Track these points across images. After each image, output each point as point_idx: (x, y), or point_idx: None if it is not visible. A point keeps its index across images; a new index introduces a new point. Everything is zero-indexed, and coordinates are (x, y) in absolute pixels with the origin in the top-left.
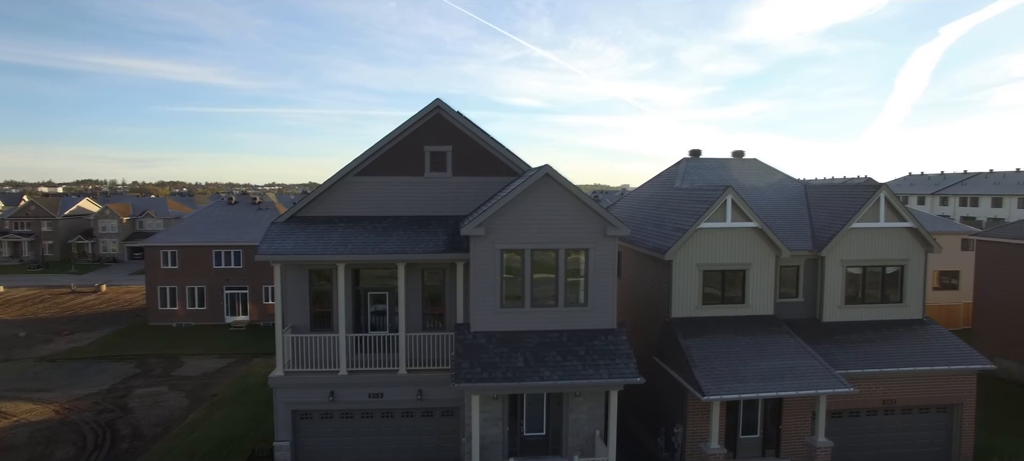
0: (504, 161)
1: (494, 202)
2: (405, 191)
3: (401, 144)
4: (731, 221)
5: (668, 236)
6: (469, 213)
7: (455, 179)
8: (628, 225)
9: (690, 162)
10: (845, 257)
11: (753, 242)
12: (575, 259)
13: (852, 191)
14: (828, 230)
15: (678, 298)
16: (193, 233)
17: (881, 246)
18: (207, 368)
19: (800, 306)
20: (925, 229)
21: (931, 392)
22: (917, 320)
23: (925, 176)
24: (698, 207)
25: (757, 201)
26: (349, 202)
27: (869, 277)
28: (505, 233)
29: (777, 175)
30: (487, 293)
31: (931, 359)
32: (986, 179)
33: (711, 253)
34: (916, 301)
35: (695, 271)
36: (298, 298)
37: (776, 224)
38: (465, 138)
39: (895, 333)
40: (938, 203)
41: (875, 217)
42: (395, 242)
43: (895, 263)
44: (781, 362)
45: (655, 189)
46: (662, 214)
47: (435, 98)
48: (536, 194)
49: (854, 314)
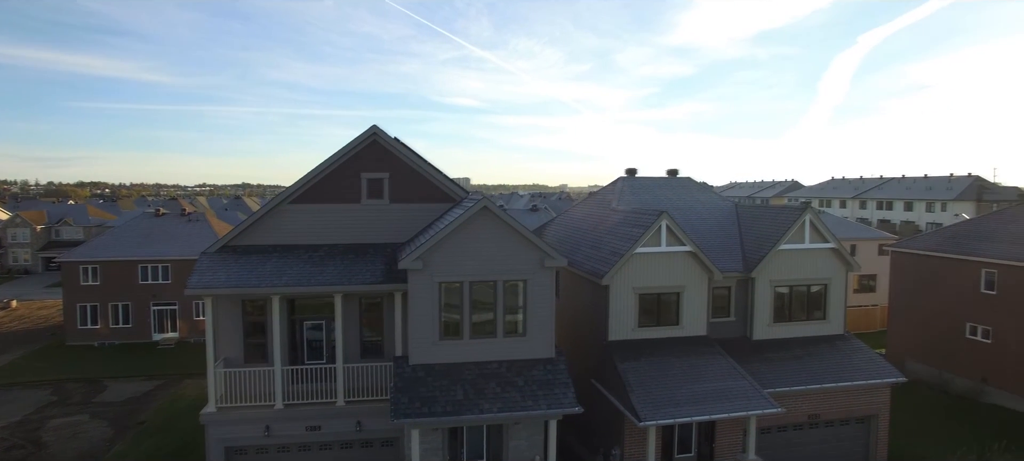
0: (441, 187)
1: (431, 234)
2: (342, 219)
3: (337, 171)
4: (666, 245)
5: (605, 260)
6: (407, 240)
7: (393, 206)
8: (566, 245)
9: (626, 181)
10: (773, 277)
11: (687, 265)
12: (513, 290)
13: (779, 213)
14: (758, 251)
15: (615, 321)
16: (116, 247)
17: (806, 266)
18: (133, 392)
19: (732, 325)
20: (846, 250)
21: (851, 405)
22: (839, 335)
23: (846, 180)
24: (634, 231)
25: (691, 222)
26: (284, 230)
27: (795, 296)
28: (443, 266)
29: (710, 194)
30: (426, 326)
31: (851, 375)
32: (899, 184)
33: (647, 277)
34: (838, 317)
35: (631, 294)
36: (231, 330)
37: (709, 245)
38: (402, 164)
39: (819, 349)
40: (858, 207)
41: (801, 239)
42: (331, 273)
43: (819, 282)
44: (714, 384)
45: (592, 208)
46: (599, 236)
47: (371, 125)
48: (474, 227)
49: (782, 331)
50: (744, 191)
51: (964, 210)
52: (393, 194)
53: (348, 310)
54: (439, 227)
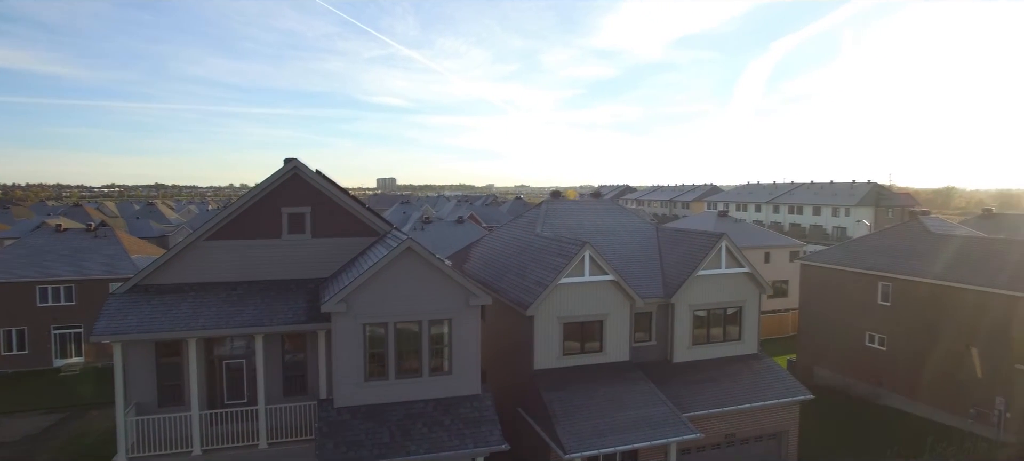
0: (364, 221)
1: (355, 275)
2: (262, 255)
3: (257, 206)
4: (589, 275)
5: (530, 290)
6: (331, 275)
7: (315, 241)
8: (492, 269)
9: (550, 205)
10: (692, 301)
11: (610, 293)
12: (439, 328)
13: (697, 239)
14: (677, 277)
15: (540, 350)
16: (10, 267)
17: (723, 290)
18: (30, 429)
19: (653, 349)
20: (759, 274)
21: (764, 423)
22: (753, 355)
23: (761, 185)
24: (558, 261)
25: (613, 247)
26: (200, 268)
27: (713, 318)
28: (367, 307)
29: (631, 217)
30: (350, 367)
31: (764, 394)
32: (808, 190)
33: (571, 306)
34: (752, 337)
35: (556, 324)
36: (143, 373)
37: (631, 270)
38: (324, 198)
39: (735, 369)
40: (772, 211)
41: (717, 264)
42: (251, 312)
43: (734, 304)
44: (636, 412)
45: (517, 231)
46: (524, 263)
47: (292, 159)
48: (398, 267)
49: (700, 353)
50: (666, 194)
51: (864, 216)
52: (315, 229)
53: (270, 348)
54: (363, 266)
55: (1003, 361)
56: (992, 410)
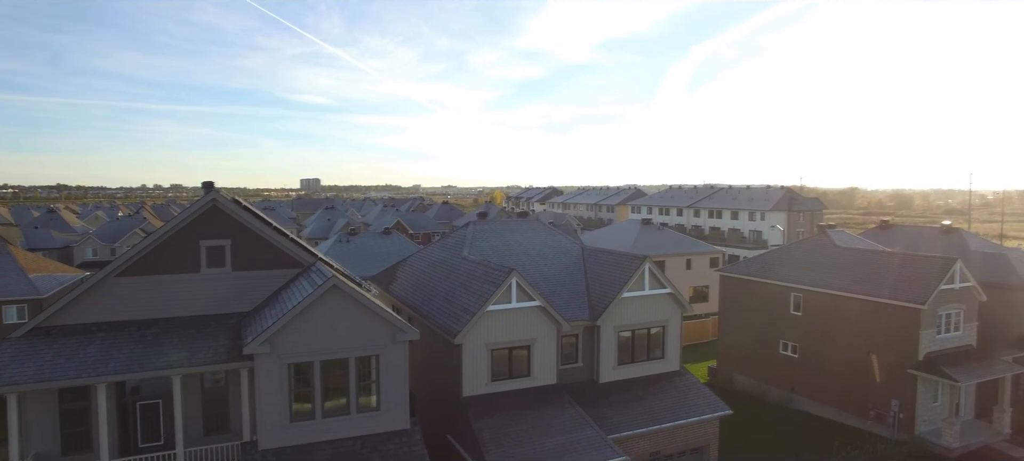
0: (288, 252)
1: (278, 314)
2: (179, 290)
3: (173, 239)
4: (516, 302)
5: (457, 317)
6: (253, 309)
7: (236, 274)
8: (419, 292)
9: (478, 226)
10: (617, 323)
11: (537, 319)
12: (366, 364)
13: (621, 261)
14: (603, 299)
15: (469, 377)
16: None
17: (647, 311)
18: None
19: (580, 370)
20: (680, 293)
21: (686, 439)
22: (676, 372)
23: (682, 190)
24: (485, 288)
25: (540, 268)
26: (111, 306)
27: (637, 338)
28: (292, 346)
29: (558, 237)
30: (275, 408)
31: (687, 411)
32: (726, 194)
33: (498, 333)
34: (674, 355)
35: (484, 350)
36: (44, 420)
37: (557, 292)
38: (245, 230)
39: (659, 387)
40: (692, 215)
41: (641, 286)
42: (168, 353)
43: (658, 324)
44: (564, 437)
45: (444, 253)
46: (451, 287)
47: (211, 191)
48: (323, 305)
49: (626, 372)
50: (592, 198)
51: (778, 220)
52: (236, 261)
53: (189, 387)
54: (287, 304)
55: (898, 366)
56: (888, 411)
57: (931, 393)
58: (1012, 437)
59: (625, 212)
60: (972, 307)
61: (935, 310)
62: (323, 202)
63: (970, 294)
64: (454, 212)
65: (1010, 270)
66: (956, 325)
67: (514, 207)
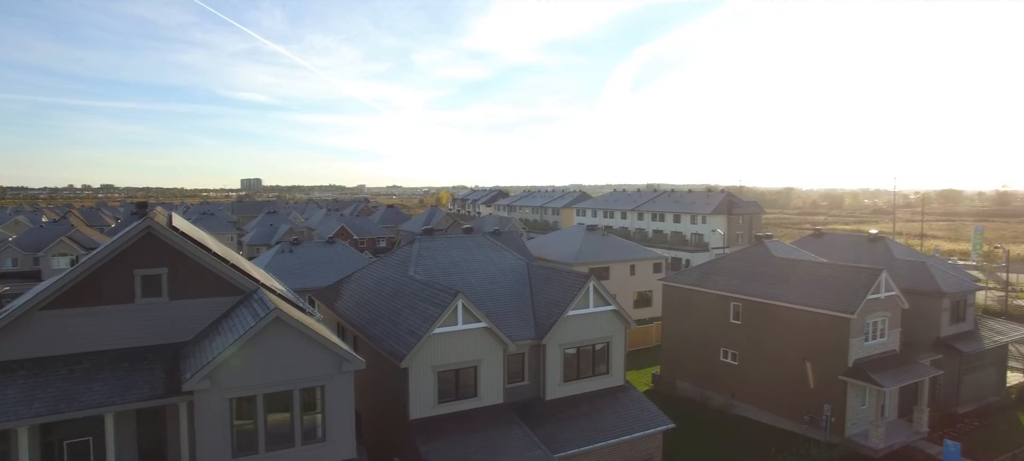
0: (228, 279)
1: (219, 347)
2: (112, 322)
3: (104, 269)
4: (462, 323)
5: (403, 340)
6: (192, 339)
7: (173, 303)
8: (365, 312)
9: (423, 243)
10: (562, 341)
11: (483, 340)
12: (311, 395)
13: (566, 279)
14: (548, 318)
15: (416, 400)
16: None
17: (591, 328)
18: None
19: (526, 388)
20: (624, 310)
21: (631, 454)
22: (620, 386)
23: (626, 193)
24: (431, 310)
25: (485, 286)
26: (35, 341)
27: (582, 355)
28: (234, 381)
29: (503, 253)
30: (216, 444)
31: (631, 427)
32: (669, 198)
33: (445, 355)
34: (619, 370)
35: (430, 373)
36: None
37: (503, 311)
38: (182, 258)
39: (604, 402)
40: (636, 218)
41: (586, 304)
42: (100, 390)
43: (602, 341)
44: (511, 457)
45: (390, 271)
46: (397, 308)
47: (146, 218)
48: (266, 337)
49: (572, 389)
50: (537, 200)
51: (718, 224)
52: (173, 290)
53: (123, 423)
54: (228, 337)
55: (829, 373)
56: (821, 416)
57: (859, 397)
58: (929, 435)
59: (570, 215)
60: (896, 314)
61: (863, 319)
62: (265, 205)
63: (894, 302)
64: (400, 216)
65: (929, 278)
66: (881, 332)
67: (460, 209)
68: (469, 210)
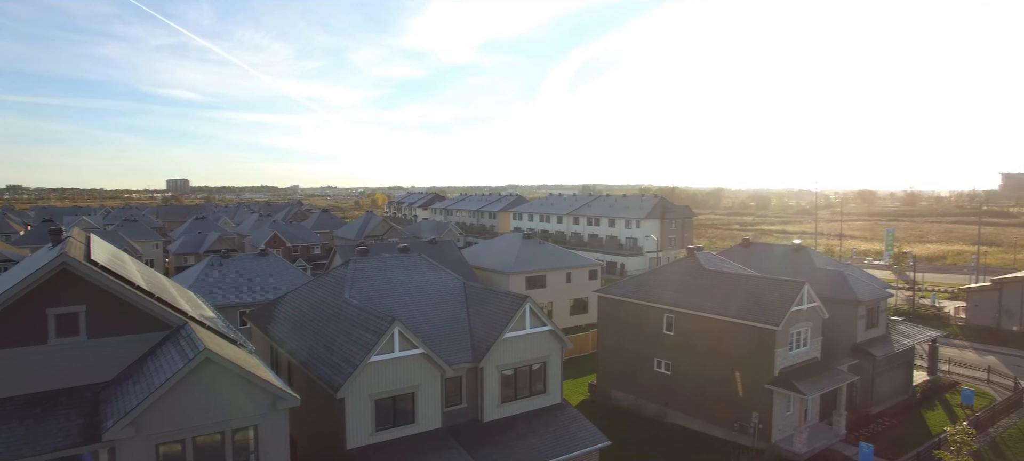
0: (153, 315)
1: (144, 391)
2: (21, 365)
3: (12, 309)
4: (399, 350)
5: (339, 368)
6: (113, 380)
7: (92, 342)
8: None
9: (358, 264)
10: (500, 363)
11: (421, 366)
12: (244, 435)
13: (503, 300)
14: (485, 340)
15: (352, 429)
16: None
17: (528, 349)
18: None
19: (464, 411)
20: (560, 331)
21: None
22: (557, 405)
23: (562, 197)
24: (368, 338)
25: (422, 308)
26: None
27: (520, 376)
28: (160, 426)
29: (440, 274)
30: None
31: (568, 446)
32: (604, 202)
33: (382, 383)
34: (556, 388)
35: (367, 401)
36: None
37: (440, 333)
38: (102, 294)
39: (542, 422)
40: (572, 222)
41: (522, 326)
42: (5, 442)
43: (539, 360)
44: None
45: (325, 293)
46: (332, 334)
47: (61, 254)
48: (196, 379)
49: (510, 409)
50: (474, 204)
51: (651, 228)
52: (92, 328)
53: None
54: (153, 380)
55: (757, 382)
56: (750, 423)
57: (785, 404)
58: (847, 437)
59: (507, 219)
60: (817, 324)
61: (787, 330)
62: (193, 209)
63: (816, 313)
64: (335, 221)
65: (846, 287)
66: (804, 341)
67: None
68: (405, 213)
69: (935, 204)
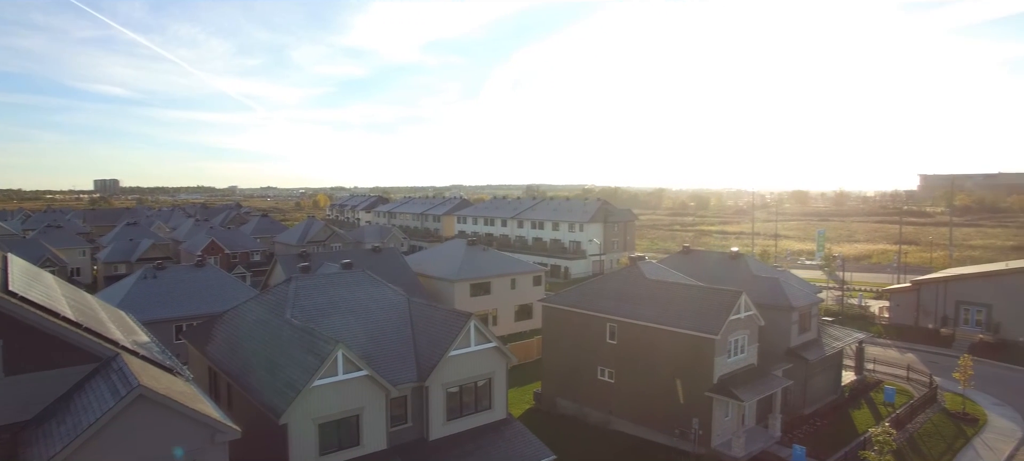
0: (79, 346)
1: (69, 433)
2: None
3: None
4: (343, 373)
5: (281, 393)
6: (33, 419)
7: (11, 379)
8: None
9: (300, 282)
10: (445, 381)
11: (365, 388)
12: None
13: (447, 318)
14: (430, 359)
15: (296, 454)
16: None
17: (473, 366)
18: None
19: (410, 430)
20: (505, 346)
21: None
22: (503, 420)
23: (507, 200)
24: (311, 361)
25: (366, 326)
26: None
27: (465, 392)
28: None
29: (384, 290)
30: None
31: None
32: (547, 206)
33: (326, 406)
34: (501, 404)
35: (311, 425)
36: None
37: (384, 353)
38: (22, 327)
39: (488, 439)
40: (516, 225)
41: (467, 343)
42: None
43: (484, 377)
44: None
45: (266, 312)
46: (274, 356)
47: None
48: (129, 417)
49: (455, 427)
50: (418, 207)
51: (594, 232)
52: (10, 363)
53: None
54: (82, 420)
55: (697, 389)
56: (690, 429)
57: (723, 410)
58: (782, 439)
59: (451, 222)
60: (754, 331)
61: (726, 338)
62: (123, 213)
63: (752, 320)
64: (275, 226)
65: (781, 293)
66: (742, 348)
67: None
68: (348, 216)
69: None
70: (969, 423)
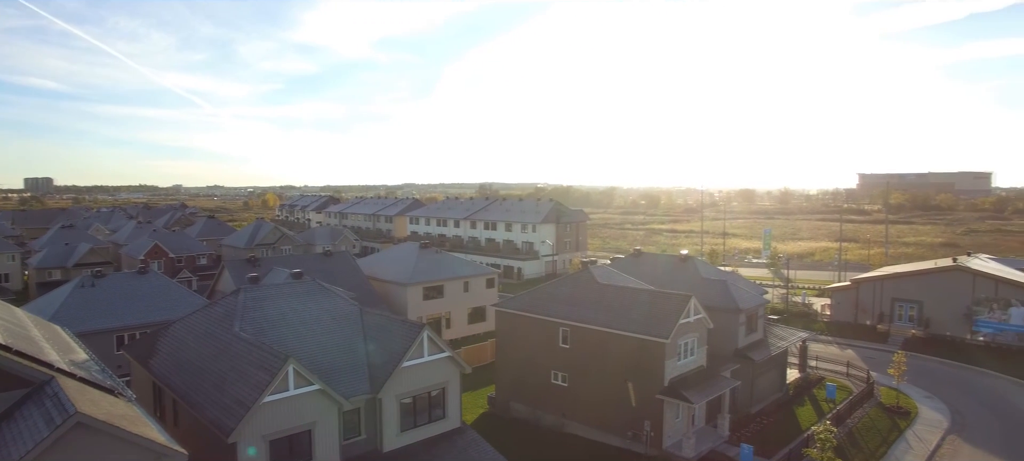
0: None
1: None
2: None
3: None
4: (294, 388)
5: (230, 410)
6: None
7: None
8: (185, 373)
9: (249, 294)
10: (399, 392)
11: (317, 402)
12: None
13: (401, 328)
14: (383, 370)
15: None
16: None
17: (427, 376)
18: None
19: (363, 442)
20: (458, 355)
21: None
22: (457, 429)
23: (459, 201)
24: (261, 377)
25: (317, 337)
26: None
27: (419, 404)
28: None
29: (335, 301)
30: None
31: None
32: (500, 207)
33: (276, 423)
34: (455, 413)
35: (261, 442)
36: None
37: (337, 365)
38: None
39: (441, 448)
40: (469, 226)
41: (420, 354)
42: None
43: (438, 386)
44: None
45: (213, 325)
46: (222, 371)
47: None
48: (65, 447)
49: (409, 438)
50: (370, 208)
51: (547, 233)
52: None
53: None
54: (12, 449)
55: (648, 392)
56: (642, 431)
57: (674, 412)
58: (730, 438)
59: (404, 223)
60: (703, 334)
61: (676, 341)
62: (58, 214)
63: (701, 324)
64: (222, 228)
65: (728, 295)
66: (691, 351)
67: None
68: (298, 217)
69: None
70: (902, 416)
